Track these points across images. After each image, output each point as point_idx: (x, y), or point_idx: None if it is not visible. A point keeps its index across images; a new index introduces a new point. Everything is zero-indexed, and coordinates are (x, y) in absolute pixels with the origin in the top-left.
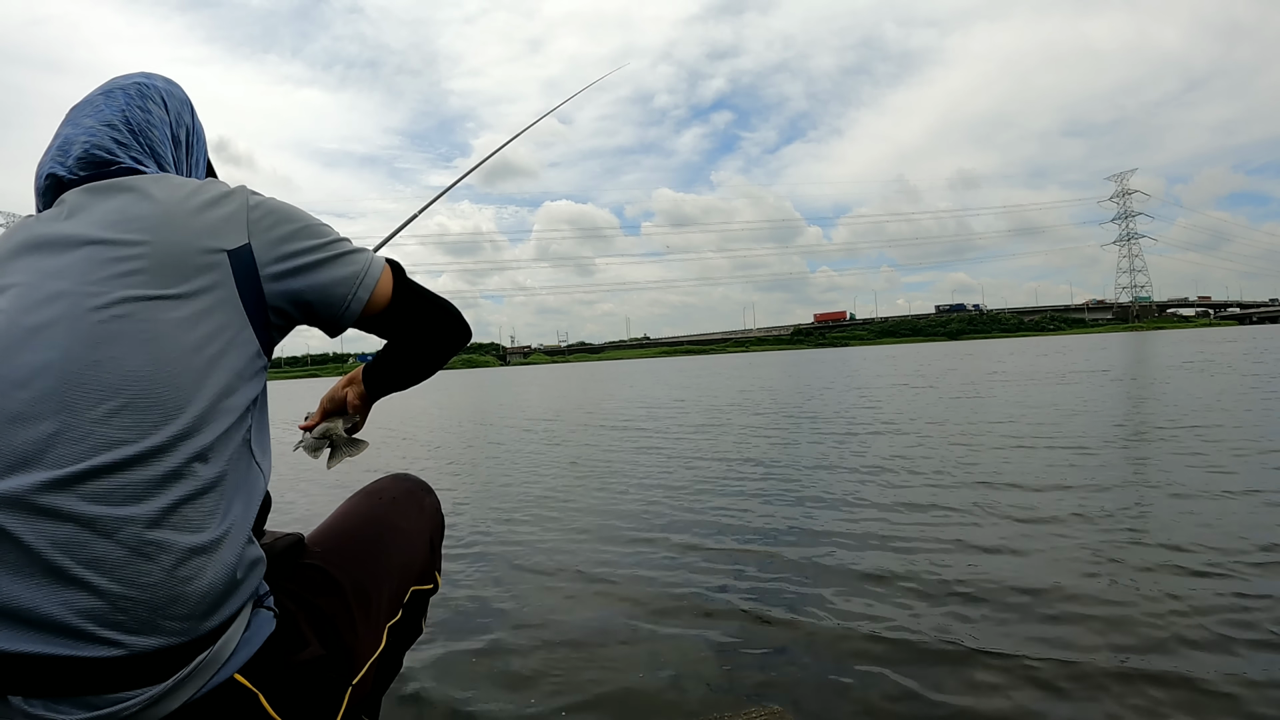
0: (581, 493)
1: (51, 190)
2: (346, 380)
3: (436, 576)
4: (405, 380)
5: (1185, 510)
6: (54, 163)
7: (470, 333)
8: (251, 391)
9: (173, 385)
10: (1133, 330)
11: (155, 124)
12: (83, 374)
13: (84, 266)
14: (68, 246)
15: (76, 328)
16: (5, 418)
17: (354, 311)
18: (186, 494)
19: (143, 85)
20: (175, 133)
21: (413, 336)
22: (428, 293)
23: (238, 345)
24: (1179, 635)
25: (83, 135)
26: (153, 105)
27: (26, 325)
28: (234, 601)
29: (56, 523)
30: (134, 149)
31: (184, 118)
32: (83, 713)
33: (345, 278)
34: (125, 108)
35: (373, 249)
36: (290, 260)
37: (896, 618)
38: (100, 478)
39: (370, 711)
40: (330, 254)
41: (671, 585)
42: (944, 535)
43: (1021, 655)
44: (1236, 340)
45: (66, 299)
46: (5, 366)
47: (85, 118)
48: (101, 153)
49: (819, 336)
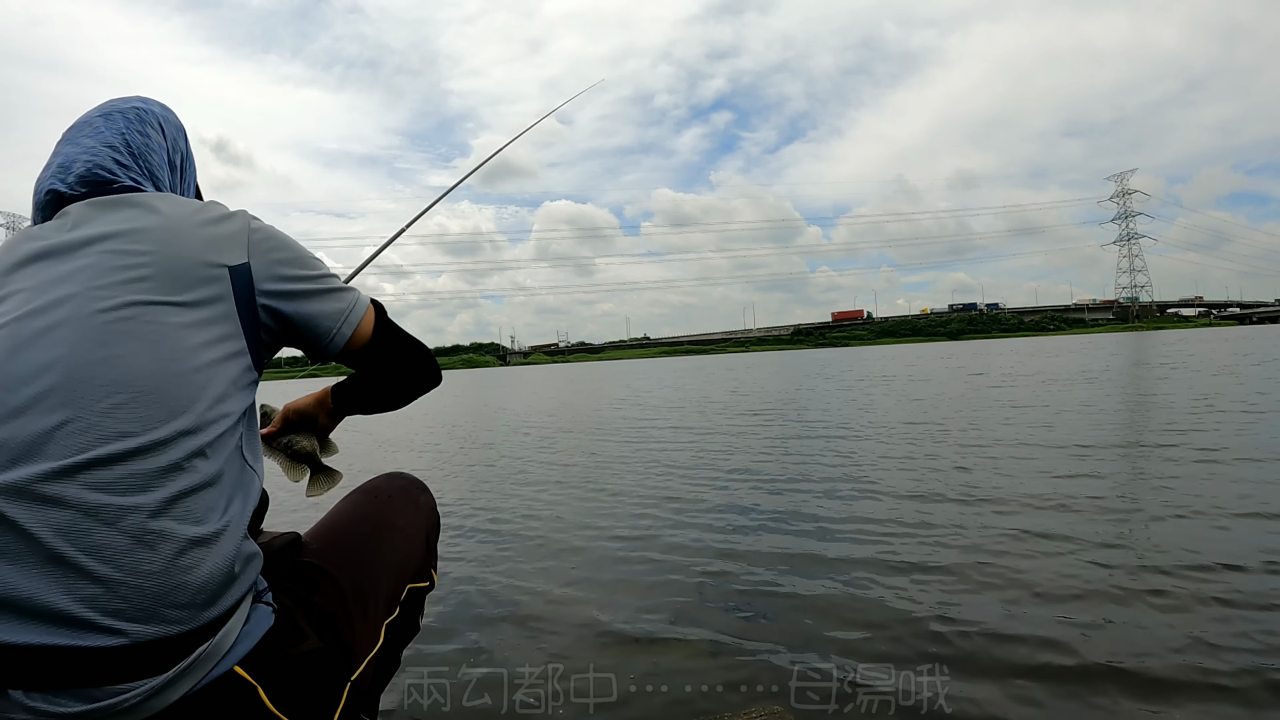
0: (579, 492)
1: (51, 205)
2: (316, 400)
3: (433, 574)
4: (372, 409)
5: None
6: (55, 179)
7: (440, 378)
8: (244, 401)
9: (175, 384)
10: (1133, 330)
11: (154, 148)
12: (89, 370)
13: (91, 273)
14: (73, 254)
15: (83, 327)
16: (9, 411)
17: (337, 345)
18: (187, 487)
19: (141, 110)
20: (171, 158)
21: (387, 374)
22: (406, 336)
23: (234, 356)
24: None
25: (84, 155)
26: (150, 130)
27: (34, 327)
28: (233, 593)
29: (59, 510)
30: (134, 170)
31: (179, 144)
32: (83, 705)
33: (332, 312)
34: (125, 130)
35: (374, 251)
36: (285, 284)
37: (897, 618)
38: (104, 467)
39: (369, 709)
40: (321, 287)
41: (671, 585)
42: (945, 534)
43: (1022, 655)
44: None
45: (74, 301)
46: (12, 364)
47: (85, 138)
48: (103, 172)
49: (819, 336)
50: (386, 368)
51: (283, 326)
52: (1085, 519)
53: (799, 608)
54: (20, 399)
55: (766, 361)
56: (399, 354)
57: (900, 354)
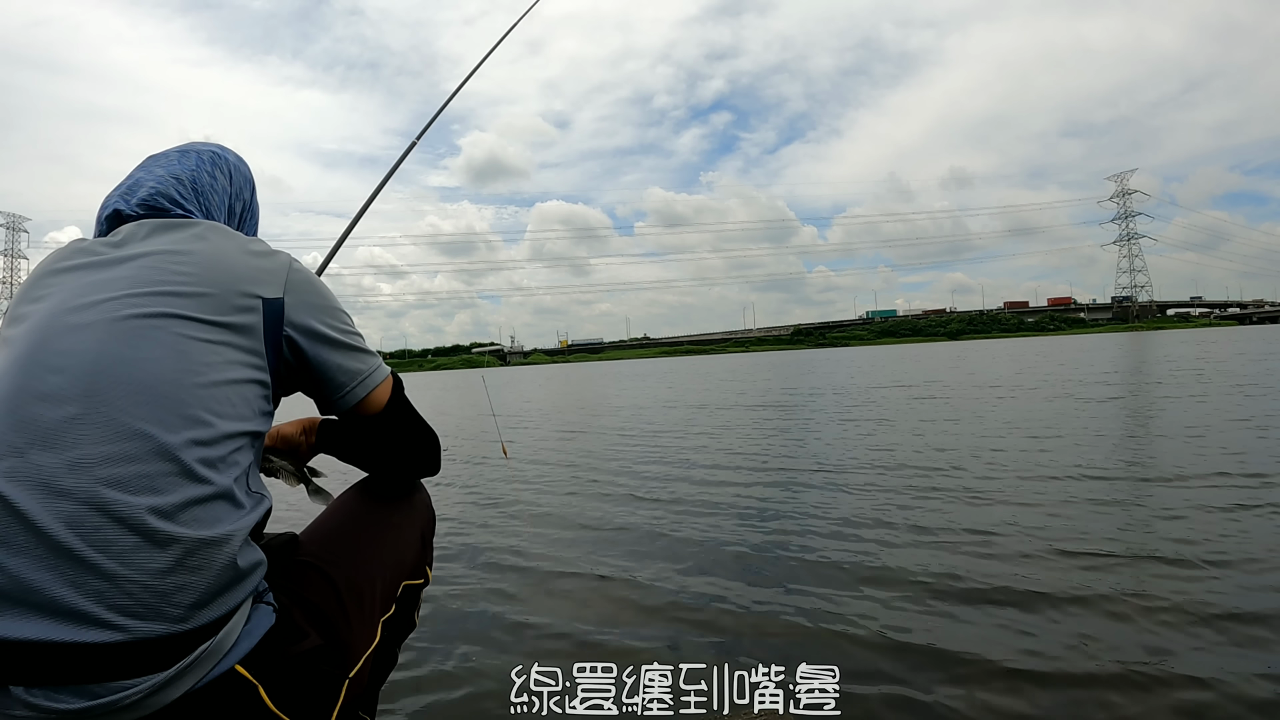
0: (577, 491)
1: (111, 222)
2: (301, 429)
3: (428, 571)
4: (356, 463)
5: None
6: (120, 199)
7: (438, 468)
8: (259, 425)
9: (195, 395)
10: (1132, 330)
11: (218, 191)
12: (114, 367)
13: (130, 281)
14: (118, 265)
15: (114, 328)
16: (34, 395)
17: (348, 402)
18: (198, 495)
19: (216, 155)
20: (233, 204)
21: (388, 449)
22: (419, 419)
23: (254, 381)
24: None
25: (151, 181)
26: (219, 174)
27: (67, 322)
28: (236, 594)
29: (70, 502)
30: (193, 204)
31: (244, 193)
32: (84, 701)
33: (350, 369)
34: (195, 169)
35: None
36: (314, 326)
37: (897, 618)
38: (117, 464)
39: (367, 706)
40: (346, 341)
41: (670, 584)
42: (945, 535)
43: (1022, 656)
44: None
45: (109, 304)
46: (41, 353)
47: (158, 167)
48: (164, 200)
49: (819, 336)
50: (389, 444)
51: (300, 366)
52: (1106, 515)
53: (799, 608)
54: (45, 386)
55: (770, 361)
56: (406, 435)
57: (900, 354)
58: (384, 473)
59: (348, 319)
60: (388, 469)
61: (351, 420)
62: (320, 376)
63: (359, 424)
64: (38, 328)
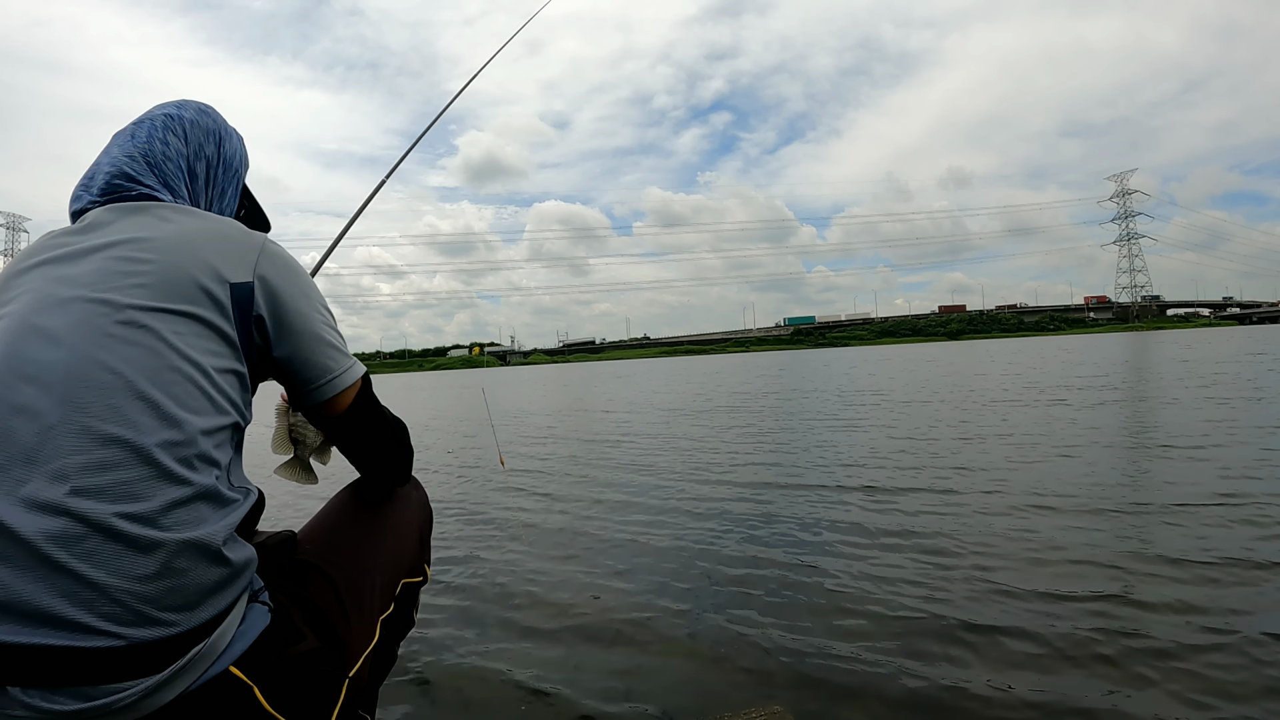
0: (576, 491)
1: (79, 216)
2: None
3: (426, 569)
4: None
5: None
6: (82, 191)
7: (408, 479)
8: (239, 415)
9: (169, 394)
10: (1132, 330)
11: (171, 157)
12: (88, 373)
13: (95, 276)
14: (83, 259)
15: (85, 329)
16: (10, 409)
17: (315, 400)
18: (180, 497)
19: (170, 116)
20: (192, 165)
21: (353, 452)
22: (385, 423)
23: (229, 370)
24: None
25: (107, 165)
26: (172, 137)
27: (37, 325)
28: (228, 595)
29: (53, 517)
30: (149, 179)
31: (205, 149)
32: (79, 703)
33: (322, 365)
34: (147, 140)
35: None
36: (281, 313)
37: (897, 618)
38: (96, 473)
39: (367, 705)
40: (322, 337)
41: (669, 585)
42: (946, 535)
43: (1022, 656)
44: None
45: (77, 304)
46: (14, 361)
47: (115, 147)
48: (121, 181)
49: (819, 336)
50: (354, 447)
51: (268, 354)
52: (1108, 520)
53: (800, 607)
54: (20, 398)
55: (777, 361)
56: (371, 439)
57: (896, 354)
58: (363, 467)
59: (325, 312)
60: (366, 465)
61: (316, 418)
62: (290, 367)
63: (323, 424)
64: (7, 335)
